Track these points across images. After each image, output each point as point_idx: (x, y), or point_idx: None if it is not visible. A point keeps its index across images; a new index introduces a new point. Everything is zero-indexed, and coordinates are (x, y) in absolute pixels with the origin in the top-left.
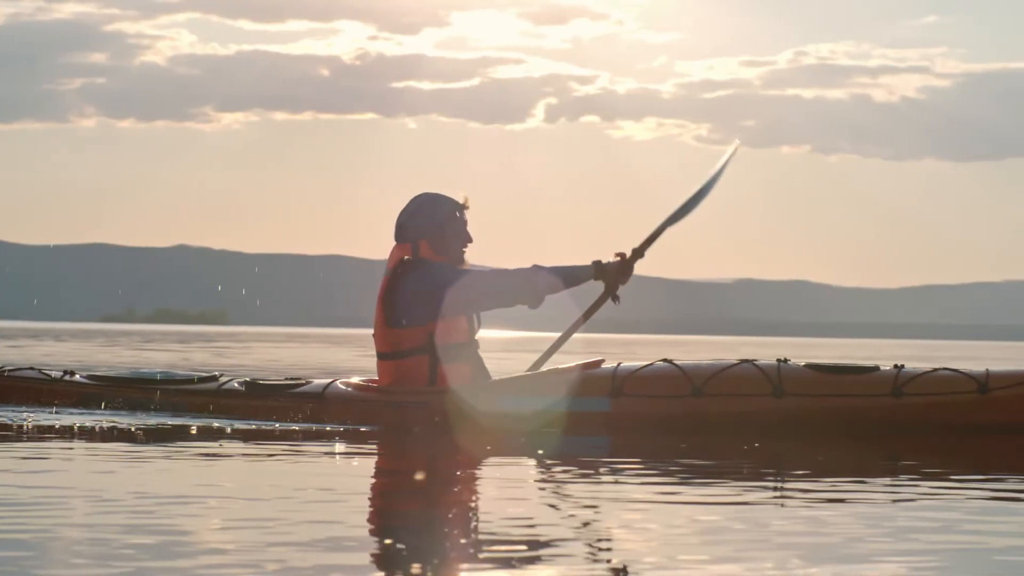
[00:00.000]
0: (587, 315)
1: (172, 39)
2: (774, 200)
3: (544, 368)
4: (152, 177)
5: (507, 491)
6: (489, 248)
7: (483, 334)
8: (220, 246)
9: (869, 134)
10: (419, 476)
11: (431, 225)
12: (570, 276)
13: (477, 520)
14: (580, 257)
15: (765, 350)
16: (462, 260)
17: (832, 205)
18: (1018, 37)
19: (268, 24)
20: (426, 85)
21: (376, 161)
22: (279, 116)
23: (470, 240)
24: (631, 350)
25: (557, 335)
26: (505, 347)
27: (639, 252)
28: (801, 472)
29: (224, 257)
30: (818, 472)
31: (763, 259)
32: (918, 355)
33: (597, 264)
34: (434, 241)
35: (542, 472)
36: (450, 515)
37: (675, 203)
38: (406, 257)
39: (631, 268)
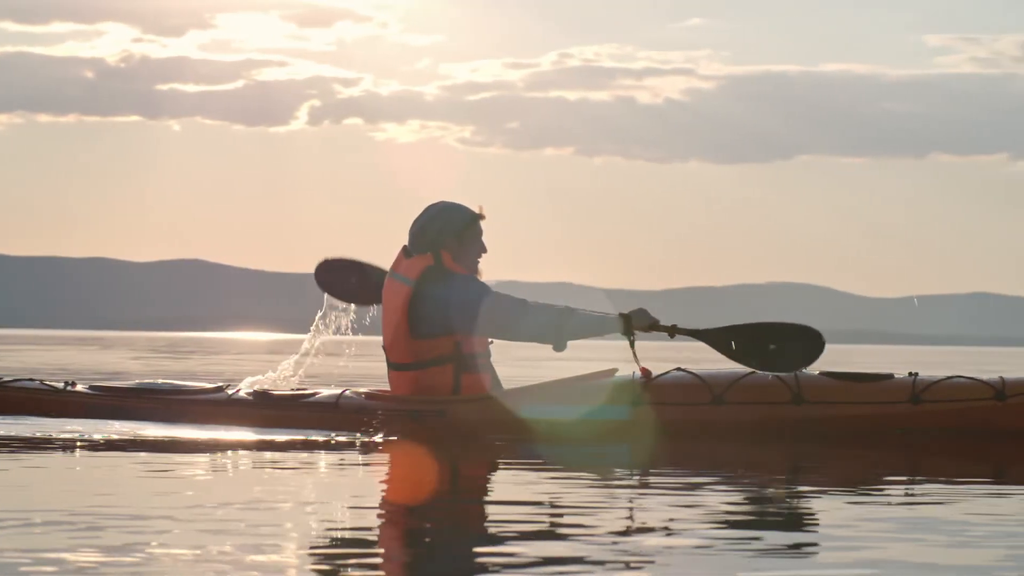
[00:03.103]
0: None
1: None
2: (538, 202)
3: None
4: None
5: (521, 498)
6: (256, 250)
7: None
8: None
9: (634, 136)
10: (436, 486)
11: (451, 234)
12: (597, 327)
13: (497, 530)
14: None
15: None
16: (477, 270)
17: (597, 207)
18: (781, 39)
19: (32, 26)
20: (191, 87)
21: (141, 163)
22: (43, 118)
23: (485, 250)
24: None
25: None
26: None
27: (671, 330)
28: (820, 478)
29: None
30: (838, 478)
31: (526, 261)
32: (689, 358)
33: (625, 319)
34: (454, 250)
35: (559, 480)
36: (470, 524)
37: (736, 333)
38: (430, 265)
39: (652, 327)
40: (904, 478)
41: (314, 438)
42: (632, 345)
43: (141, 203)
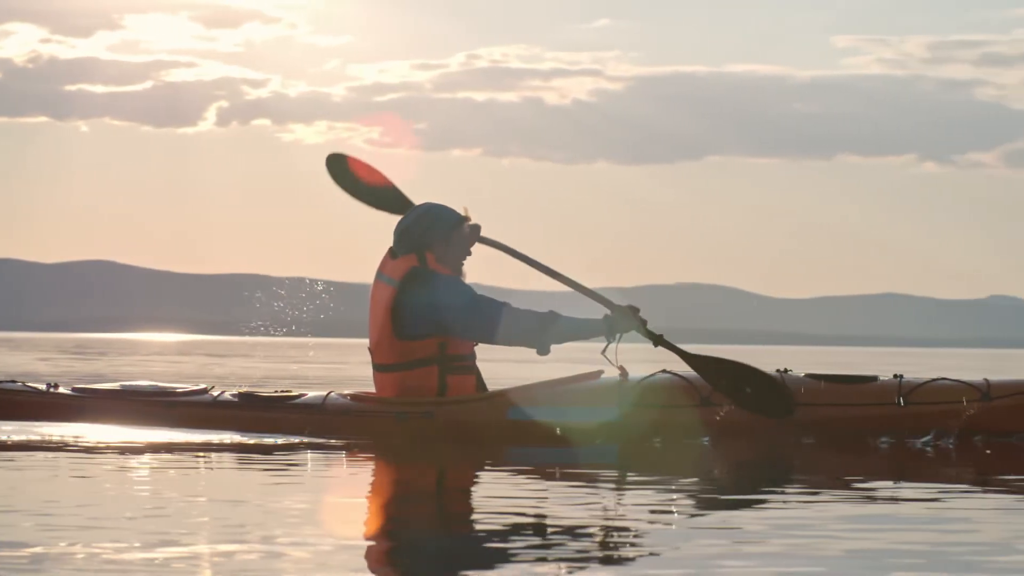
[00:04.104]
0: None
1: None
2: (445, 203)
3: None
4: None
5: (509, 500)
6: (164, 251)
7: None
8: None
9: (541, 137)
10: (424, 488)
11: (436, 235)
12: (582, 331)
13: (490, 531)
14: None
15: None
16: (462, 272)
17: (504, 207)
18: (689, 40)
19: None
20: (99, 88)
21: (49, 165)
22: None
23: (470, 252)
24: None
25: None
26: None
27: (656, 339)
28: (808, 478)
29: None
30: (825, 479)
31: None
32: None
33: (608, 320)
34: (439, 251)
35: (546, 482)
36: (465, 525)
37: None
38: (415, 266)
39: (637, 329)
40: (890, 479)
41: (300, 440)
42: (608, 344)
43: (49, 204)
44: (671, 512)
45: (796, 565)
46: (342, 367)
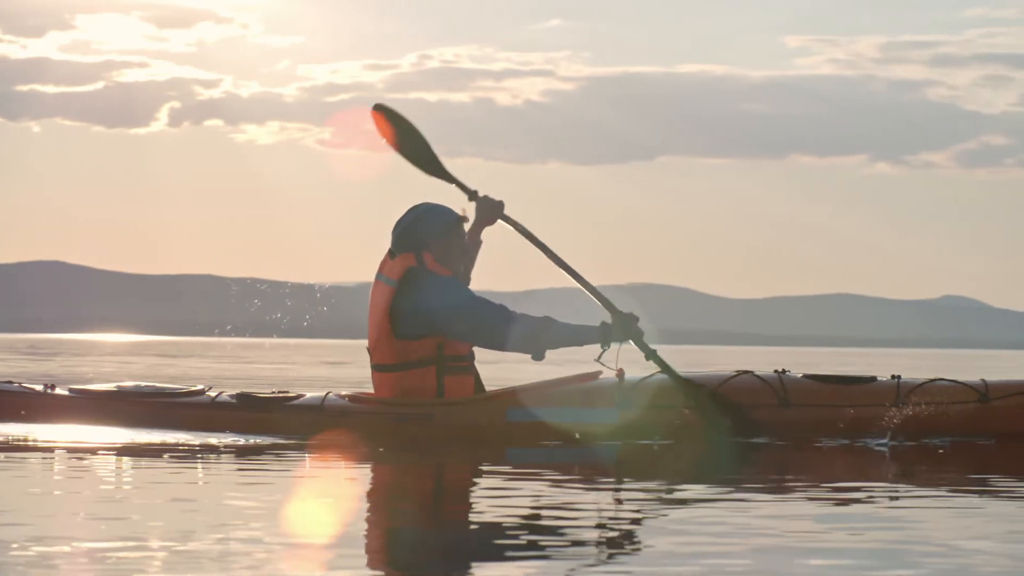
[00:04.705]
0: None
1: None
2: (397, 204)
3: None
4: None
5: (508, 501)
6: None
7: None
8: None
9: (493, 137)
10: (424, 490)
11: (435, 235)
12: (578, 338)
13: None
14: None
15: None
16: (460, 272)
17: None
18: (641, 41)
19: None
20: (51, 88)
21: (0, 165)
22: None
23: (467, 253)
24: None
25: None
26: None
27: (648, 352)
28: (806, 480)
29: None
30: (823, 479)
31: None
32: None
33: (604, 328)
34: (437, 252)
35: (546, 483)
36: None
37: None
38: (412, 266)
39: (633, 337)
40: (888, 480)
41: (298, 441)
42: (603, 352)
43: (1, 204)
44: (669, 514)
45: (790, 565)
46: (292, 367)
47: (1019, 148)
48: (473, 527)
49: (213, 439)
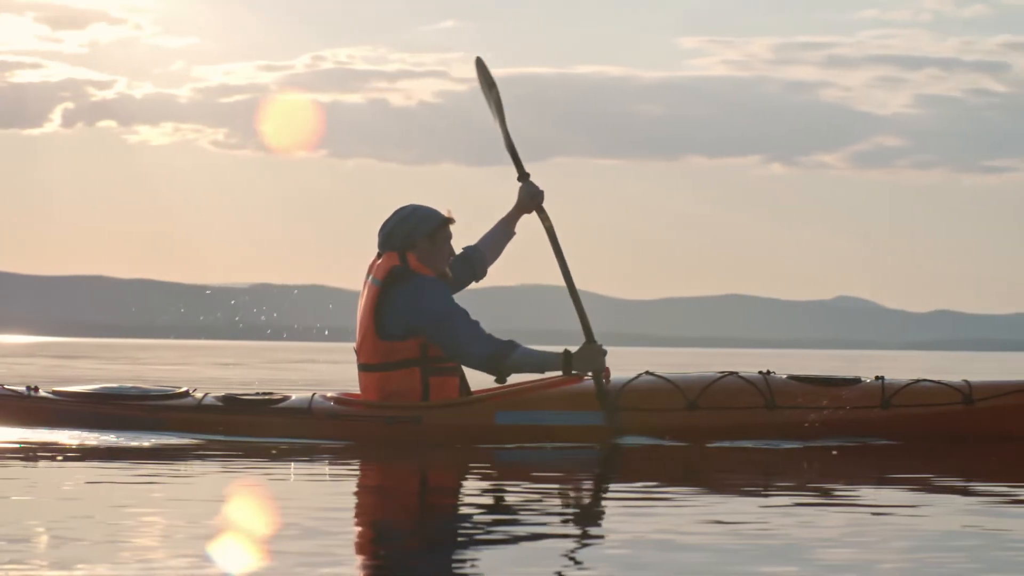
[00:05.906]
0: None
1: None
2: (290, 205)
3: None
4: None
5: (496, 504)
6: (9, 253)
7: None
8: None
9: (387, 138)
10: (411, 493)
11: (419, 236)
12: (538, 364)
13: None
14: None
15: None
16: (445, 273)
17: (348, 209)
18: (535, 41)
19: None
20: None
21: None
22: None
23: (453, 253)
24: None
25: None
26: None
27: (601, 395)
28: (791, 482)
29: None
30: (808, 482)
31: (279, 263)
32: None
33: (567, 357)
34: (422, 252)
35: (533, 485)
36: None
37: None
38: (396, 266)
39: (595, 365)
40: (873, 482)
41: (285, 444)
42: (596, 382)
43: None
44: (654, 515)
45: (781, 564)
46: (188, 368)
47: (911, 149)
48: (461, 529)
49: (198, 442)
